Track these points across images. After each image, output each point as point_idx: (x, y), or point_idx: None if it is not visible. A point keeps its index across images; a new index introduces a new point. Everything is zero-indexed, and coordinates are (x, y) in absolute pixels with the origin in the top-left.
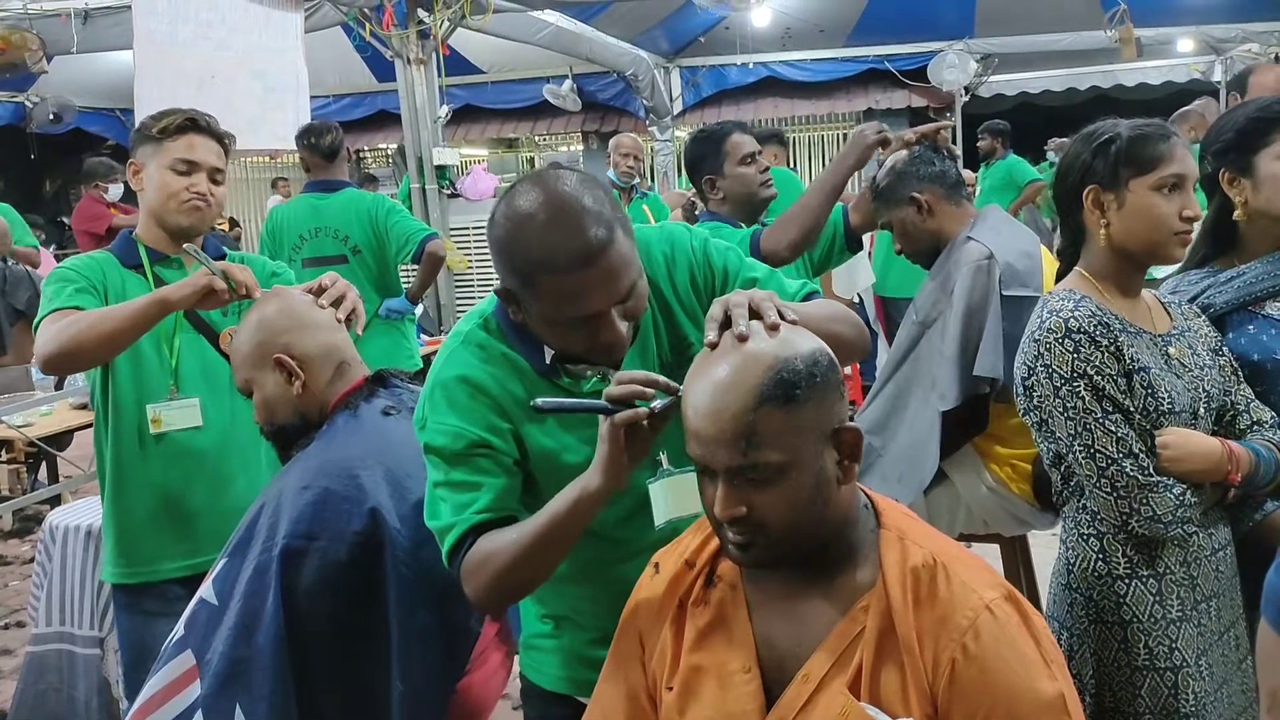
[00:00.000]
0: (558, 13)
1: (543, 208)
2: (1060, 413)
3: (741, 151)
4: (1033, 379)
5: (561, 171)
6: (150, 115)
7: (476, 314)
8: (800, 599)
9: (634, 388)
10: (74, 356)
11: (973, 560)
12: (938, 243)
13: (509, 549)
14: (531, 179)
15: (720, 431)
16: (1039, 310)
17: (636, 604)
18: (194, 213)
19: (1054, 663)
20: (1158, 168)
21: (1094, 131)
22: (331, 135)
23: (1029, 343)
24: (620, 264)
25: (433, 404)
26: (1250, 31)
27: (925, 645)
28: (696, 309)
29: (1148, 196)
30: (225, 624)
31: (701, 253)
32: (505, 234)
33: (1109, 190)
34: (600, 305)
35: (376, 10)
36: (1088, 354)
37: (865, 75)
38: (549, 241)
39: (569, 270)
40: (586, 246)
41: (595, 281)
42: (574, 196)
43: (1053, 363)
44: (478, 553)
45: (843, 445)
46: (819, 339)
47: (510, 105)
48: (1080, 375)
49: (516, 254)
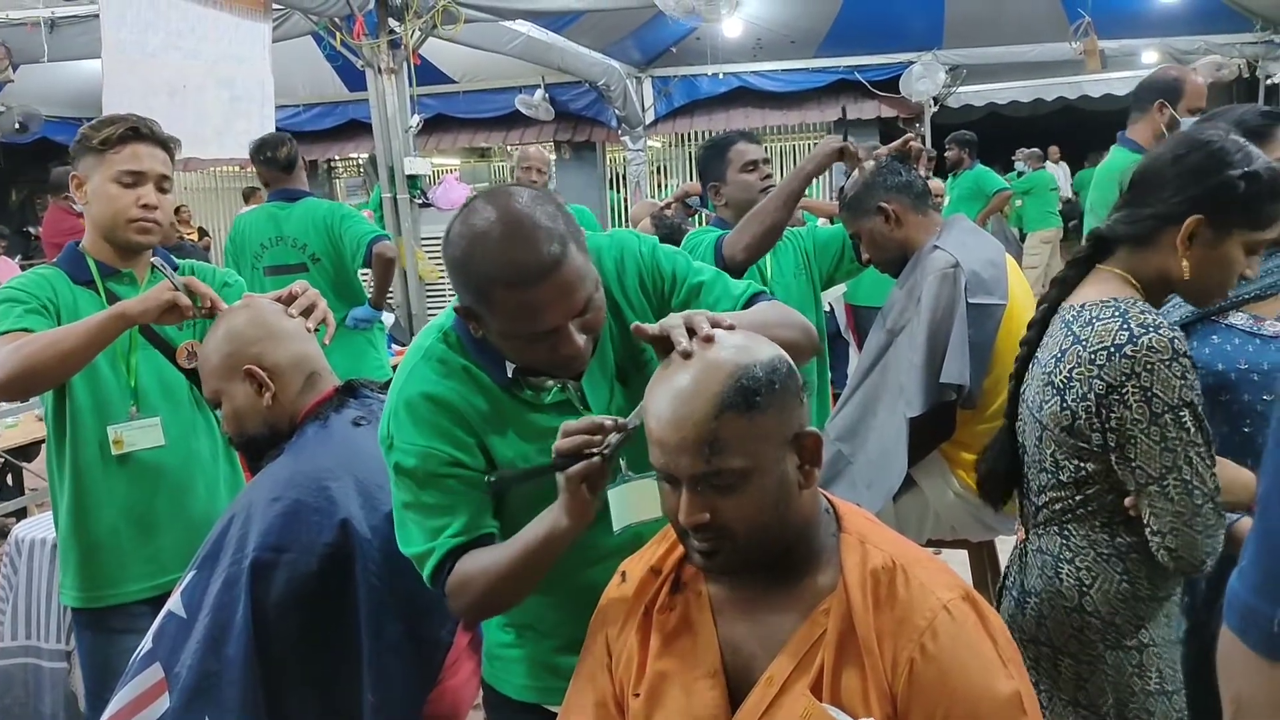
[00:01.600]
0: (529, 23)
1: (496, 225)
2: (1158, 441)
3: (744, 159)
4: (1117, 398)
5: (515, 188)
6: (89, 125)
7: (435, 328)
8: (763, 603)
9: (581, 439)
10: (30, 378)
11: (932, 563)
12: (905, 252)
13: (486, 575)
14: (485, 196)
15: (683, 439)
16: (1119, 322)
17: (603, 611)
18: (144, 233)
19: (1011, 662)
20: (1265, 229)
21: (1224, 151)
22: (286, 147)
23: (1115, 356)
24: (576, 278)
25: (398, 423)
26: (1213, 44)
27: (885, 646)
28: (648, 312)
29: (1238, 251)
30: (194, 636)
31: (650, 258)
32: (461, 252)
33: (1211, 229)
34: (557, 320)
35: (347, 20)
36: (1193, 381)
37: (836, 85)
38: (504, 258)
39: (525, 286)
40: (541, 262)
41: (551, 296)
42: (527, 213)
43: (1154, 385)
44: (458, 576)
45: (804, 450)
46: (778, 346)
47: (482, 115)
48: (1187, 404)
49: (472, 272)
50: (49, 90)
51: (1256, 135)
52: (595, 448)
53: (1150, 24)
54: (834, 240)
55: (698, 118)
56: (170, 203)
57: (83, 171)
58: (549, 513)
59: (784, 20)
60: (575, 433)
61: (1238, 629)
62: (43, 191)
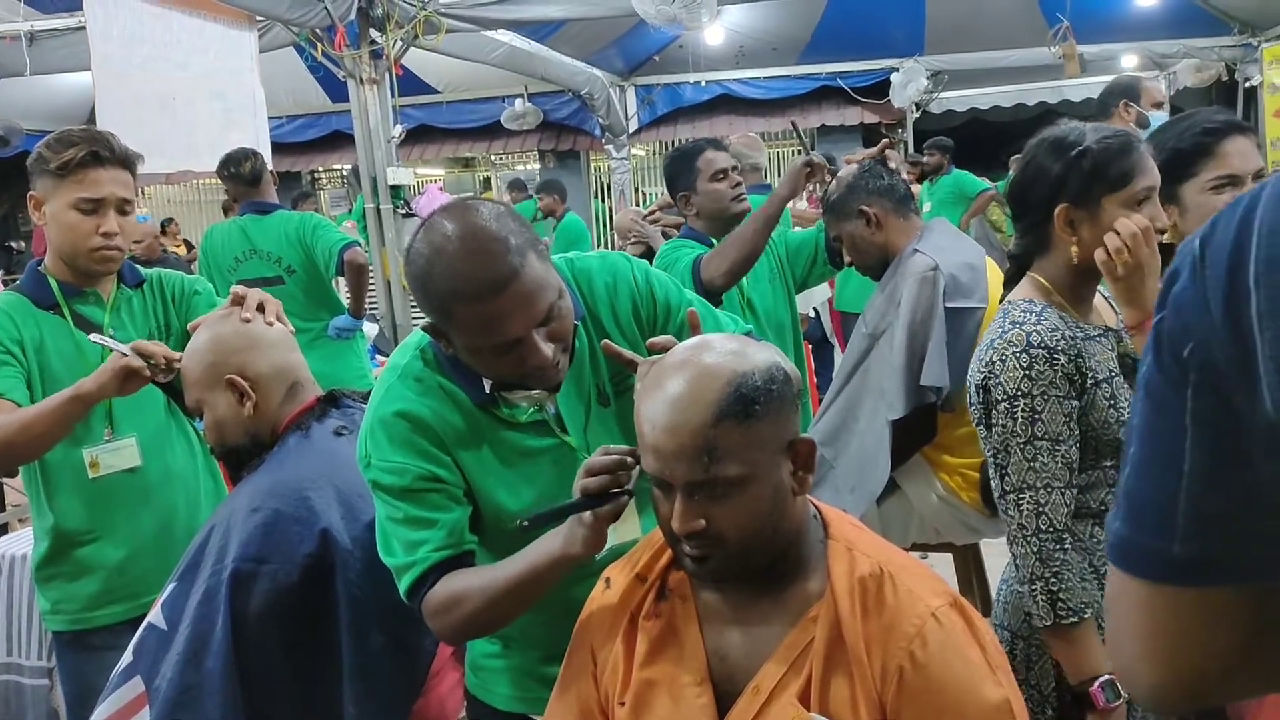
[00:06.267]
0: (511, 32)
1: (452, 240)
2: (994, 425)
3: (714, 168)
4: (985, 388)
5: (472, 203)
6: (48, 144)
7: (413, 345)
8: (751, 611)
9: (608, 478)
10: (8, 459)
11: (920, 569)
12: (886, 255)
13: (482, 594)
14: (443, 212)
15: (680, 447)
16: (1000, 319)
17: (588, 619)
18: (105, 262)
19: (999, 669)
20: (1130, 183)
21: (1060, 141)
22: (251, 162)
23: (986, 349)
24: (535, 287)
25: (374, 441)
26: (1191, 47)
27: (874, 654)
28: (638, 338)
29: (1120, 213)
30: (174, 649)
31: (645, 285)
32: (420, 269)
33: (1081, 208)
34: (519, 330)
35: (328, 31)
36: (1039, 373)
37: (818, 92)
38: (461, 272)
39: (482, 298)
40: (497, 275)
41: (511, 307)
42: (484, 226)
43: (1002, 375)
44: (445, 593)
45: (798, 456)
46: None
47: (466, 125)
48: (1024, 395)
49: (430, 288)
50: (30, 104)
51: (1212, 134)
52: (621, 485)
53: (1129, 28)
54: (806, 245)
55: (681, 125)
56: (131, 224)
57: (40, 192)
58: (557, 538)
59: (766, 28)
60: (600, 471)
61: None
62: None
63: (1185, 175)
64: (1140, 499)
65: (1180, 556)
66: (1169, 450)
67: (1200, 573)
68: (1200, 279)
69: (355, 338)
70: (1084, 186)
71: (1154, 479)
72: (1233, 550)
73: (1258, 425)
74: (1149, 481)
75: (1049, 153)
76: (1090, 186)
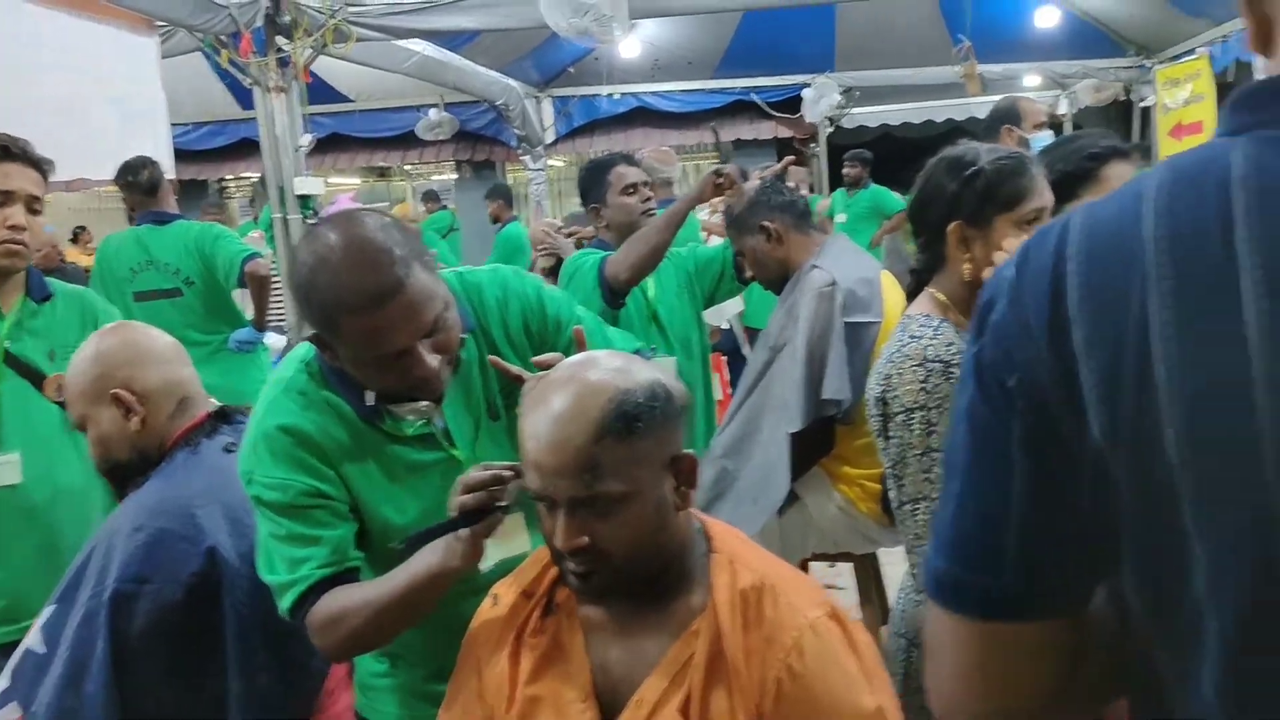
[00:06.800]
0: (425, 41)
1: (336, 250)
2: (891, 437)
3: (624, 182)
4: (882, 398)
5: (356, 213)
6: None
7: (298, 358)
8: (635, 625)
9: (484, 494)
10: None
11: (801, 581)
12: (786, 270)
13: (365, 610)
14: (326, 223)
15: (562, 464)
16: (899, 333)
17: (474, 636)
18: (11, 256)
19: (875, 677)
20: (1021, 204)
21: (956, 161)
22: (148, 170)
23: (885, 362)
24: (420, 298)
25: (257, 456)
26: (1090, 68)
27: (753, 666)
28: (528, 352)
29: (1010, 231)
30: (53, 673)
31: (537, 299)
32: (304, 280)
33: (973, 226)
34: (404, 341)
35: (233, 37)
36: (934, 386)
37: (733, 106)
38: (345, 283)
39: (367, 309)
40: (381, 285)
41: (395, 318)
42: (367, 237)
43: (899, 388)
44: (327, 610)
45: (680, 472)
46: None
47: (380, 134)
48: (920, 407)
49: (314, 299)
50: None
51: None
52: (498, 500)
53: (1031, 49)
54: (715, 260)
55: (598, 137)
56: (41, 225)
57: None
58: (436, 552)
59: (681, 42)
60: (476, 487)
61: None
62: None
63: (1069, 197)
64: (965, 533)
65: (1007, 591)
66: (996, 481)
67: (1027, 607)
68: (1020, 307)
69: (257, 350)
70: (977, 206)
71: (980, 512)
72: (1059, 582)
73: (1085, 452)
74: (974, 515)
75: (945, 172)
76: (983, 206)
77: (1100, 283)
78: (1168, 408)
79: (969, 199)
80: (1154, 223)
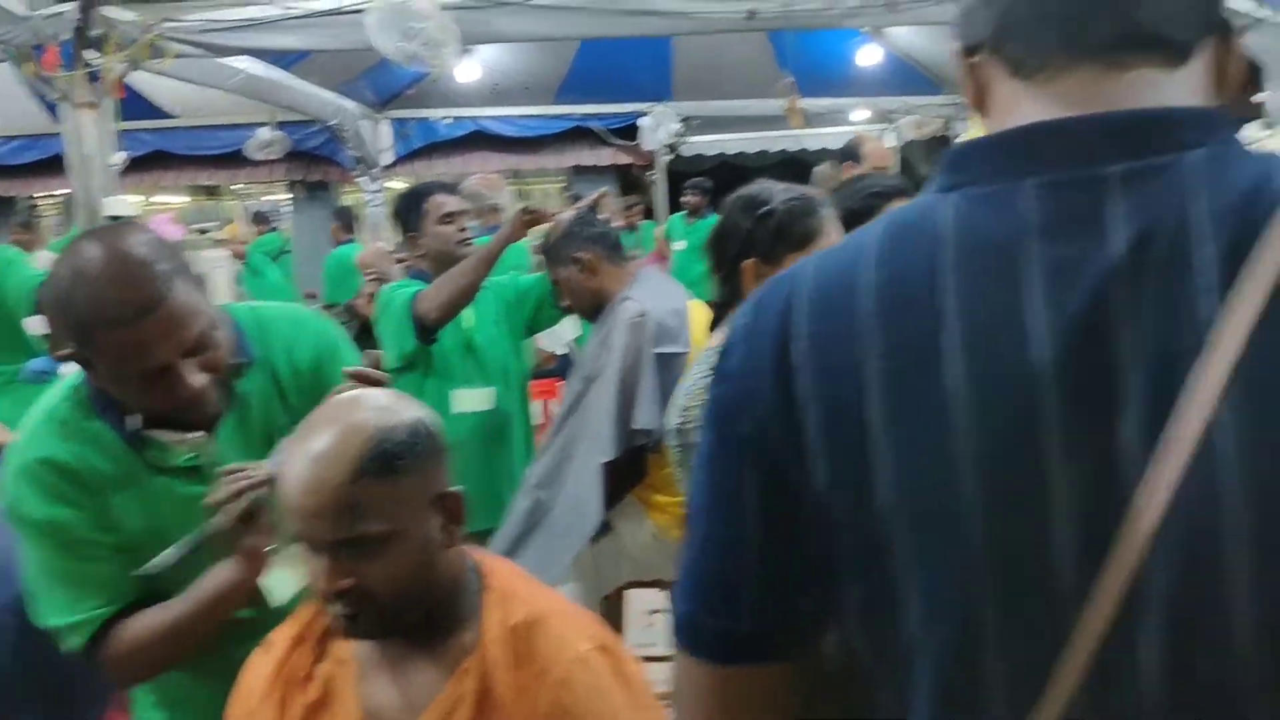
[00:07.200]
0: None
1: (94, 263)
2: (688, 468)
3: (441, 211)
4: (680, 429)
5: (119, 228)
6: None
7: (67, 384)
8: (408, 666)
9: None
10: None
11: (575, 614)
12: (600, 300)
13: (158, 632)
14: (85, 236)
15: (321, 505)
16: (697, 366)
17: (244, 686)
18: None
19: (645, 708)
20: (812, 243)
21: (751, 200)
22: None
23: (683, 395)
24: (181, 314)
25: (17, 491)
26: (912, 104)
27: (524, 701)
28: (316, 391)
29: None
30: None
31: (332, 342)
32: (61, 293)
33: (768, 264)
34: (166, 357)
35: (37, 50)
36: None
37: (573, 132)
38: (104, 296)
39: (125, 323)
40: (140, 298)
41: (155, 333)
42: (128, 250)
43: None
44: (121, 643)
45: (446, 510)
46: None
47: (207, 152)
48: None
49: (71, 312)
50: None
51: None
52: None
53: (857, 85)
54: (534, 288)
55: (437, 160)
56: None
57: None
58: (223, 566)
59: (520, 67)
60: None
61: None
62: None
63: None
64: (706, 577)
65: (745, 634)
66: (731, 526)
67: (765, 650)
68: (752, 354)
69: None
70: (770, 244)
71: (719, 556)
72: (793, 623)
73: (810, 496)
74: (714, 558)
75: (741, 210)
76: (775, 245)
77: (823, 330)
78: (881, 454)
79: (762, 237)
80: (874, 274)
